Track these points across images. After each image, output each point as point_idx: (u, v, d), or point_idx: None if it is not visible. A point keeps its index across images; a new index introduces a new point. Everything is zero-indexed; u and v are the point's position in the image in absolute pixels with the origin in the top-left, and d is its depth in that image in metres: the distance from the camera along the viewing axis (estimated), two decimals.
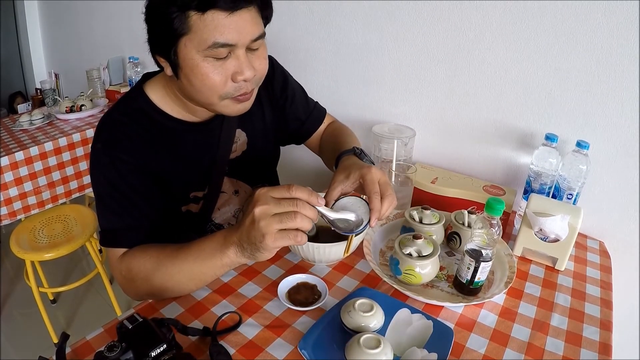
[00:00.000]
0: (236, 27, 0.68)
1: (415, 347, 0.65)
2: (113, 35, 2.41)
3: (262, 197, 0.61)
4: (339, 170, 0.80)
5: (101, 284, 1.79)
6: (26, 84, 3.27)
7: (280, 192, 0.61)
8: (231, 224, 1.00)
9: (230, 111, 0.79)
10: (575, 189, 0.97)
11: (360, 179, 0.73)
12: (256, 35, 0.72)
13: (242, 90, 0.75)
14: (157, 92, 0.83)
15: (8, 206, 1.67)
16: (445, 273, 0.86)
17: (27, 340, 1.78)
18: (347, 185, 0.75)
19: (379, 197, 0.70)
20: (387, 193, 0.71)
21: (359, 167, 0.76)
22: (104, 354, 0.52)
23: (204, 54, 0.69)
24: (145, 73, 0.87)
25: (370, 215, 0.69)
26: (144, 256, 0.75)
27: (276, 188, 0.62)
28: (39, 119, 1.94)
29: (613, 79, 0.95)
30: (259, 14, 0.73)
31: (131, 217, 0.78)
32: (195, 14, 0.66)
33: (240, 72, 0.72)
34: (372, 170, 0.73)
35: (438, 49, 1.18)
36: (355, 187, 0.76)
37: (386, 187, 0.72)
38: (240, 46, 0.70)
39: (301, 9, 1.43)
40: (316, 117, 1.09)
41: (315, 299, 0.77)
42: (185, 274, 0.72)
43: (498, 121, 1.15)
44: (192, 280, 0.74)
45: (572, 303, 0.81)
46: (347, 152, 0.88)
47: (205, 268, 0.70)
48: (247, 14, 0.69)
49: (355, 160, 0.84)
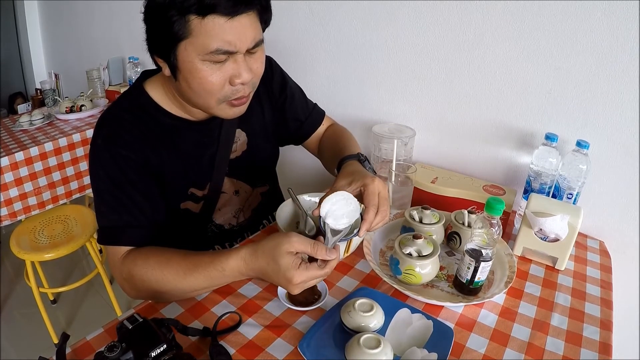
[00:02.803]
0: (236, 32, 0.68)
1: (415, 347, 0.65)
2: (113, 35, 2.41)
3: (293, 269, 0.65)
4: (342, 174, 0.81)
5: (101, 284, 1.79)
6: (26, 84, 3.27)
7: (303, 250, 0.66)
8: (232, 224, 1.00)
9: (225, 114, 0.79)
10: (575, 189, 0.97)
11: (362, 188, 0.75)
12: (256, 40, 0.72)
13: (240, 94, 0.76)
14: (157, 90, 0.84)
15: (8, 207, 1.67)
16: (445, 273, 0.86)
17: (27, 340, 1.78)
18: (349, 191, 0.76)
19: (376, 210, 0.72)
20: (382, 208, 0.73)
21: (363, 176, 0.77)
22: (104, 354, 0.52)
23: (204, 57, 0.69)
24: (144, 70, 0.87)
25: (361, 224, 0.71)
26: (146, 266, 0.73)
27: (295, 247, 0.65)
28: (39, 119, 1.94)
29: (613, 79, 0.95)
30: (258, 18, 0.73)
31: (130, 215, 0.77)
32: (195, 18, 0.66)
33: (238, 76, 0.72)
34: (375, 181, 0.74)
35: (438, 49, 1.18)
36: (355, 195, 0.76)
37: (383, 202, 0.74)
38: (240, 50, 0.71)
39: (301, 9, 1.43)
40: (315, 118, 1.09)
41: (315, 299, 0.77)
42: (192, 291, 0.75)
43: (498, 121, 1.15)
44: (199, 292, 0.78)
45: (572, 303, 0.81)
46: (351, 157, 0.89)
47: (218, 285, 0.76)
48: (247, 19, 0.69)
49: (359, 167, 0.85)
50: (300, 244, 0.65)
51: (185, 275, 0.71)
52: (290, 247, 0.64)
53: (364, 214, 0.72)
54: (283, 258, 0.64)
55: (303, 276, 0.64)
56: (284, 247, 0.64)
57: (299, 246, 0.65)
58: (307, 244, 0.65)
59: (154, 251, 0.76)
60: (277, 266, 0.65)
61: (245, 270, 0.69)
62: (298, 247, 0.65)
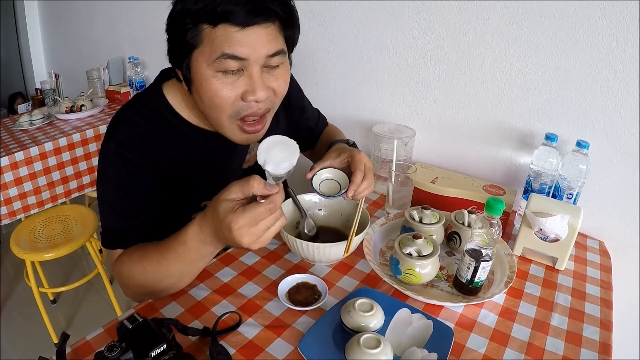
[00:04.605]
0: (248, 41, 0.66)
1: (415, 347, 0.65)
2: (113, 35, 2.41)
3: (230, 214, 0.58)
4: (331, 150, 0.87)
5: (101, 284, 1.79)
6: (26, 84, 3.27)
7: (240, 193, 0.60)
8: None
9: (235, 137, 0.76)
10: (575, 189, 0.97)
11: (349, 159, 0.81)
12: (272, 51, 0.68)
13: (252, 110, 0.71)
14: (175, 95, 0.81)
15: (8, 206, 1.67)
16: (445, 273, 0.86)
17: (27, 340, 1.78)
18: (336, 162, 0.83)
19: (362, 175, 0.78)
20: (368, 175, 0.80)
21: (350, 150, 0.84)
22: (104, 354, 0.52)
23: (214, 67, 0.67)
24: (163, 70, 0.84)
25: (349, 186, 0.77)
26: (130, 262, 0.73)
27: (232, 191, 0.60)
28: (39, 119, 1.94)
29: (613, 79, 0.95)
30: (279, 32, 0.70)
31: (137, 220, 0.77)
32: (207, 26, 0.65)
33: (251, 92, 0.69)
34: (361, 153, 0.82)
35: (438, 49, 1.18)
36: (343, 167, 0.83)
37: (369, 171, 0.80)
38: (253, 62, 0.67)
39: (301, 9, 1.42)
40: (321, 124, 1.13)
41: (315, 299, 0.77)
42: (170, 277, 0.72)
43: (498, 121, 1.15)
44: (184, 277, 0.75)
45: (572, 303, 0.81)
46: (340, 141, 0.96)
47: (192, 266, 0.72)
48: (263, 30, 0.66)
49: (347, 146, 0.91)
50: (236, 185, 0.60)
51: (160, 262, 0.70)
52: (228, 194, 0.60)
53: (351, 178, 0.78)
54: (220, 205, 0.59)
55: (242, 218, 0.58)
56: (222, 195, 0.60)
57: (235, 188, 0.59)
58: (243, 183, 0.59)
59: (137, 247, 0.75)
60: (218, 216, 0.60)
61: (203, 235, 0.64)
62: (234, 189, 0.59)
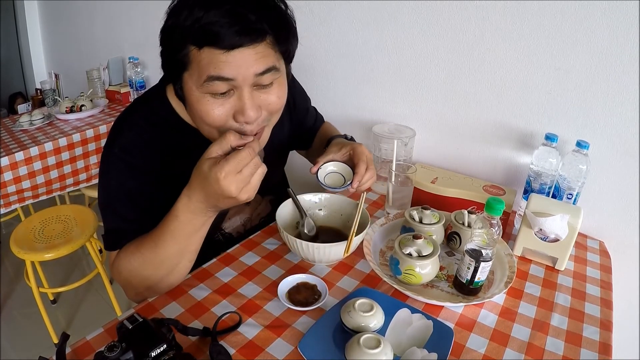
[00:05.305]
0: (234, 61, 0.64)
1: (415, 347, 0.65)
2: (113, 35, 2.41)
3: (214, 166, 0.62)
4: (332, 145, 0.91)
5: (101, 284, 1.79)
6: (26, 84, 3.27)
7: (219, 149, 0.64)
8: (240, 232, 0.99)
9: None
10: (575, 189, 0.97)
11: (351, 151, 0.85)
12: (261, 69, 0.66)
13: (244, 130, 0.71)
14: (179, 100, 0.80)
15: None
16: (445, 273, 0.86)
17: (27, 340, 1.78)
18: (338, 155, 0.87)
19: (365, 165, 0.83)
20: (370, 166, 0.84)
21: (350, 143, 0.87)
22: (104, 354, 0.52)
23: (203, 90, 0.67)
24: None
25: (354, 177, 0.81)
26: (127, 255, 0.75)
27: (212, 151, 0.64)
28: (39, 119, 1.94)
29: (613, 79, 0.95)
30: (272, 48, 0.67)
31: (139, 224, 0.77)
32: (194, 48, 0.64)
33: (241, 112, 0.68)
34: (361, 146, 0.86)
35: (438, 49, 1.18)
36: (345, 160, 0.87)
37: (370, 162, 0.84)
38: (242, 82, 0.66)
39: (301, 9, 1.43)
40: (318, 124, 1.14)
41: (315, 299, 0.77)
42: (169, 259, 0.73)
43: (498, 121, 1.15)
44: (182, 258, 0.74)
45: (572, 303, 0.81)
46: (338, 136, 0.99)
47: (188, 241, 0.72)
48: (250, 50, 0.64)
49: (347, 140, 0.95)
50: (214, 145, 0.64)
51: (157, 245, 0.71)
52: (208, 154, 0.64)
53: (354, 169, 0.82)
54: (204, 164, 0.63)
55: (226, 166, 0.61)
56: (203, 159, 0.64)
57: (214, 147, 0.64)
58: (219, 140, 0.64)
59: (132, 241, 0.76)
60: (204, 176, 0.63)
61: (192, 205, 0.67)
62: (214, 148, 0.64)
